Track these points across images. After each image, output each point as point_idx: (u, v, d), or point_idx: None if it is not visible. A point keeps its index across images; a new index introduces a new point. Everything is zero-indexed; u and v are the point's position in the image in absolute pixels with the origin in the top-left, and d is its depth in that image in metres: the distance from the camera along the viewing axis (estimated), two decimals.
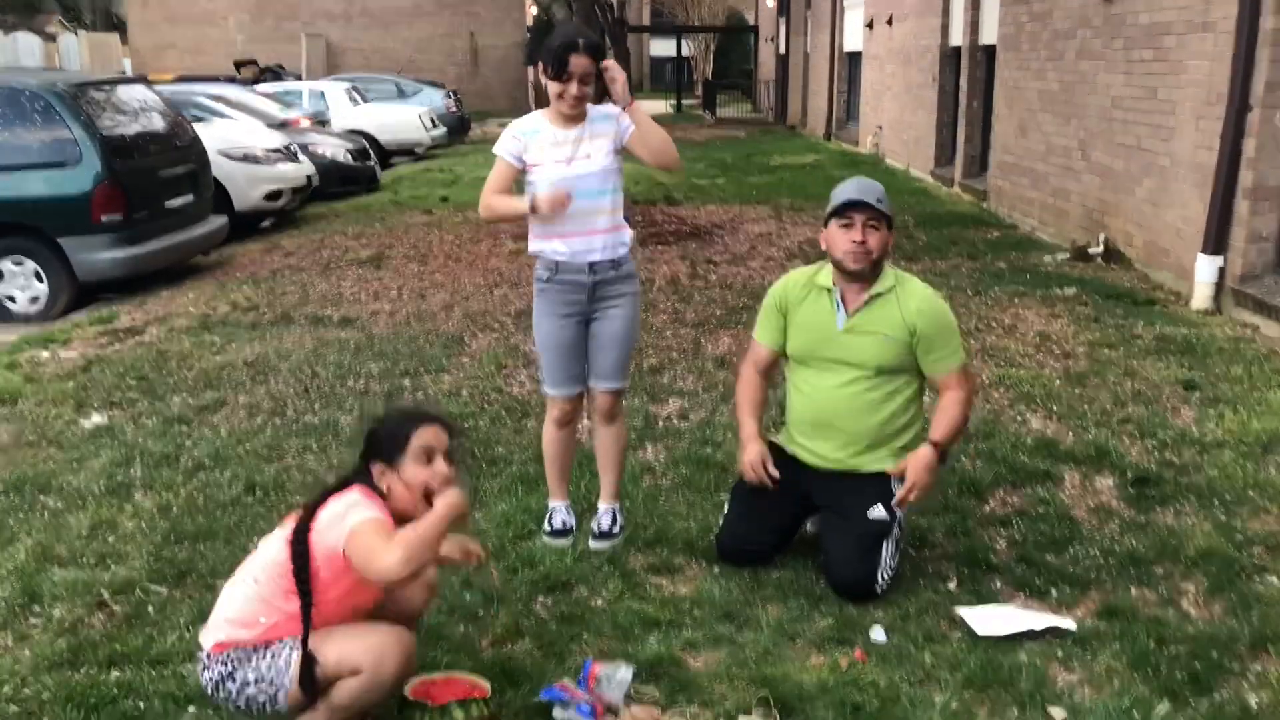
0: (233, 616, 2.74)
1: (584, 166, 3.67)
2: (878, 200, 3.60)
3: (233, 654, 2.70)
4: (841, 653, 3.22)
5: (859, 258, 3.58)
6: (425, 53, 34.55)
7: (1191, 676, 3.05)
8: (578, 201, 3.66)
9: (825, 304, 3.69)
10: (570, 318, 3.80)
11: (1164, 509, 4.19)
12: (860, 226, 3.58)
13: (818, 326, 3.69)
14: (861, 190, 3.62)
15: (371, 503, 2.70)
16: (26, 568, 3.79)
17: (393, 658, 2.66)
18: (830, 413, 3.68)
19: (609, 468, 4.00)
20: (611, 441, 3.98)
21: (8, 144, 7.98)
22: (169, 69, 28.90)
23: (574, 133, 3.68)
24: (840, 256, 3.62)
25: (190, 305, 7.96)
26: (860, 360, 3.61)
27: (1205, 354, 6.05)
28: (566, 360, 3.85)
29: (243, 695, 2.70)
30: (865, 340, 3.61)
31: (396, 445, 2.74)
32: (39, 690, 3.06)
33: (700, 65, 47.22)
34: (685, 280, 8.40)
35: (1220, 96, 6.94)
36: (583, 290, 3.76)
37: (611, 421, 3.96)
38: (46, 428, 5.28)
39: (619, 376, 3.88)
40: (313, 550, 2.66)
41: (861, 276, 3.63)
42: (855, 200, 3.59)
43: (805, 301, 3.73)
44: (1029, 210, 10.76)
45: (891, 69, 17.25)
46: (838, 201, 3.63)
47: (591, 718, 2.89)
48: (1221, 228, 6.98)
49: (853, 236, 3.58)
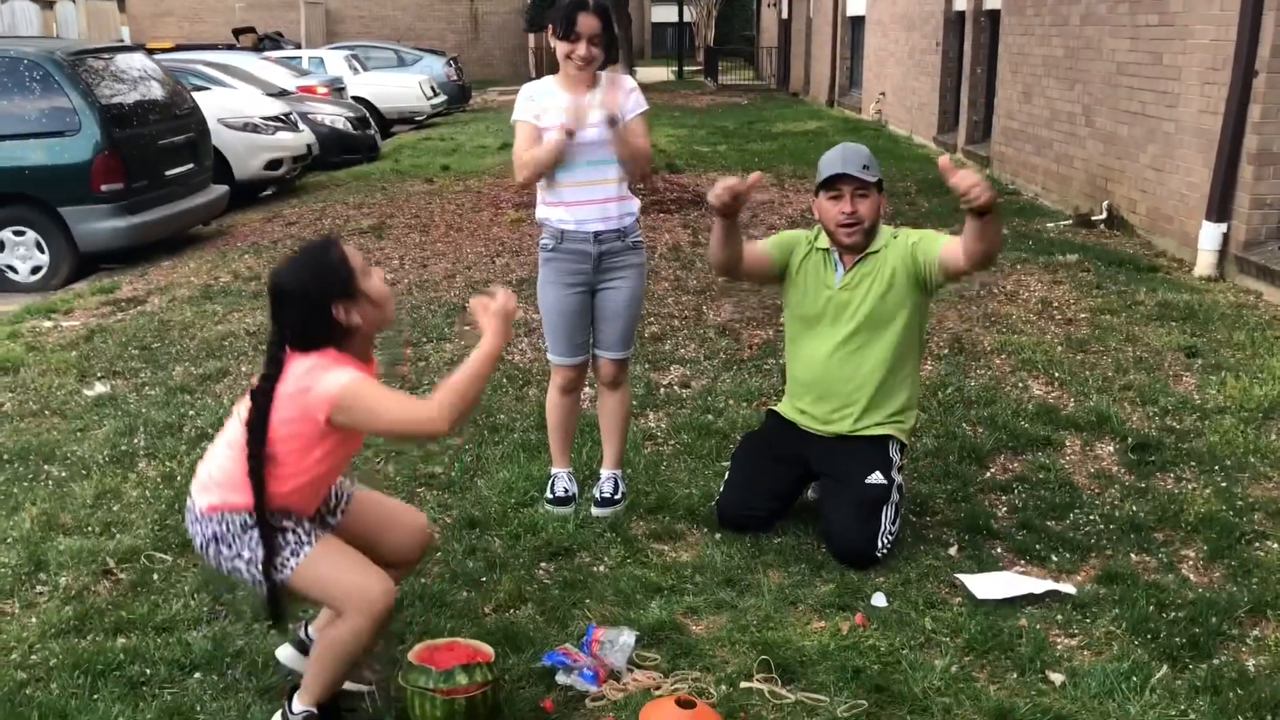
0: (220, 479, 2.65)
1: (593, 133, 3.64)
2: (864, 168, 3.57)
3: (227, 518, 2.61)
4: (842, 618, 3.24)
5: (851, 230, 3.58)
6: (425, 20, 34.35)
7: (1190, 641, 3.07)
8: (584, 169, 3.66)
9: (822, 263, 3.70)
10: (574, 287, 3.79)
11: (1164, 475, 4.20)
12: (849, 197, 3.56)
13: (816, 286, 3.70)
14: (846, 160, 3.58)
15: (343, 363, 2.61)
16: (32, 536, 3.81)
17: (381, 598, 2.58)
18: (826, 373, 3.68)
19: (612, 435, 4.01)
20: (615, 409, 3.99)
21: (7, 113, 7.95)
22: (167, 37, 28.77)
23: (584, 99, 3.65)
24: (833, 229, 3.62)
25: (192, 275, 7.96)
26: (852, 311, 3.62)
27: (1208, 320, 6.04)
28: (570, 329, 3.84)
29: (231, 565, 2.64)
30: (859, 294, 3.62)
31: (347, 276, 2.67)
32: (46, 656, 3.09)
33: (702, 31, 46.85)
34: (687, 248, 8.38)
35: (1226, 61, 6.89)
36: (587, 260, 3.75)
37: (616, 389, 3.96)
38: (49, 397, 5.29)
39: (624, 346, 3.88)
40: (273, 420, 2.54)
41: (856, 250, 3.63)
42: (840, 173, 3.56)
43: (808, 260, 3.73)
44: (1032, 176, 10.71)
45: (895, 34, 17.12)
46: (825, 174, 3.60)
47: (594, 682, 2.91)
48: (1226, 194, 6.95)
49: (842, 208, 3.56)
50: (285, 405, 2.57)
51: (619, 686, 2.91)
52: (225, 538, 2.63)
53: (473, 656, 2.77)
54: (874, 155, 3.71)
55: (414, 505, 4.03)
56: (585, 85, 3.67)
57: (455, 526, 3.86)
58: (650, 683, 2.93)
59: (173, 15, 33.45)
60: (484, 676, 2.73)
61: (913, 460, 4.30)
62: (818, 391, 3.73)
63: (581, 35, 3.56)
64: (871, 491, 3.55)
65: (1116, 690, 2.85)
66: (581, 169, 3.68)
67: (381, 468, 4.40)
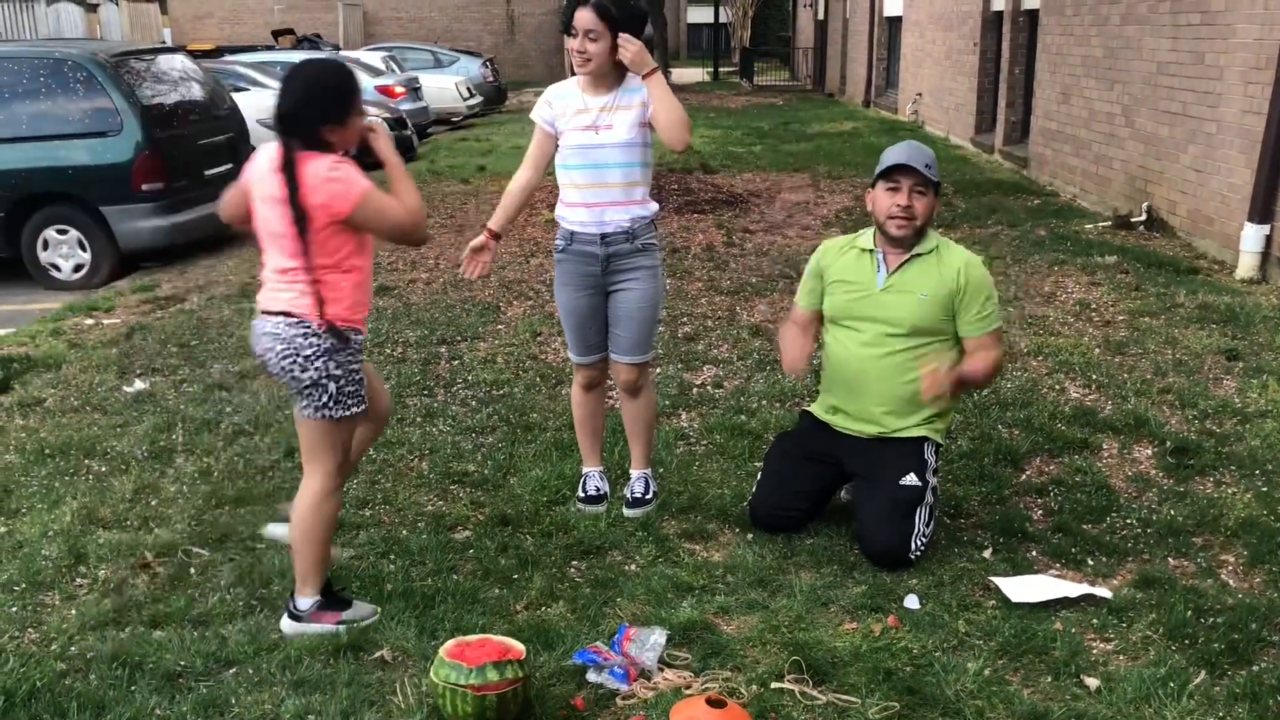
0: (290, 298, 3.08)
1: (606, 136, 3.63)
2: (926, 166, 3.57)
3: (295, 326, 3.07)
4: (875, 619, 3.22)
5: (902, 224, 3.57)
6: (461, 21, 34.53)
7: (1229, 647, 3.03)
8: (592, 171, 3.65)
9: (866, 263, 3.69)
10: (585, 289, 3.79)
11: (1204, 479, 4.14)
12: (907, 191, 3.56)
13: (857, 284, 3.68)
14: (912, 154, 3.59)
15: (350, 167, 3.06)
16: (72, 529, 3.87)
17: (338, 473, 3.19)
18: (863, 373, 3.67)
19: (637, 438, 4.01)
20: (637, 414, 3.97)
21: (51, 114, 8.07)
22: (208, 38, 29.09)
23: (602, 100, 3.65)
24: (884, 220, 3.61)
25: (230, 274, 8.04)
26: (896, 318, 3.60)
27: (1249, 323, 5.95)
28: (583, 329, 3.84)
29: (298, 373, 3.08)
30: (903, 299, 3.60)
31: (350, 105, 3.12)
32: (85, 649, 3.13)
33: (738, 32, 46.73)
34: (721, 248, 8.37)
35: (1270, 61, 6.78)
36: (596, 262, 3.74)
37: (635, 395, 3.92)
38: (90, 393, 5.37)
39: (636, 351, 3.83)
40: (311, 213, 2.99)
41: (903, 244, 3.62)
42: (904, 164, 3.56)
43: (844, 260, 3.73)
44: (1071, 178, 10.60)
45: (932, 34, 17.00)
46: (887, 164, 3.61)
47: (624, 681, 2.92)
48: (1269, 195, 6.84)
49: (898, 200, 3.57)
50: (316, 191, 2.99)
51: (650, 685, 2.91)
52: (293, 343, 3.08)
53: (504, 653, 2.78)
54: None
55: (447, 500, 4.07)
56: (605, 85, 3.64)
57: (487, 524, 3.88)
58: (681, 682, 2.92)
59: (213, 17, 33.82)
60: (515, 673, 2.75)
61: (948, 462, 4.27)
62: (854, 391, 3.71)
63: (578, 31, 3.55)
64: (906, 493, 3.53)
65: (1153, 696, 2.82)
66: (589, 171, 3.67)
67: (415, 465, 4.42)
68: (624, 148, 3.64)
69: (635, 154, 3.67)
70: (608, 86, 3.65)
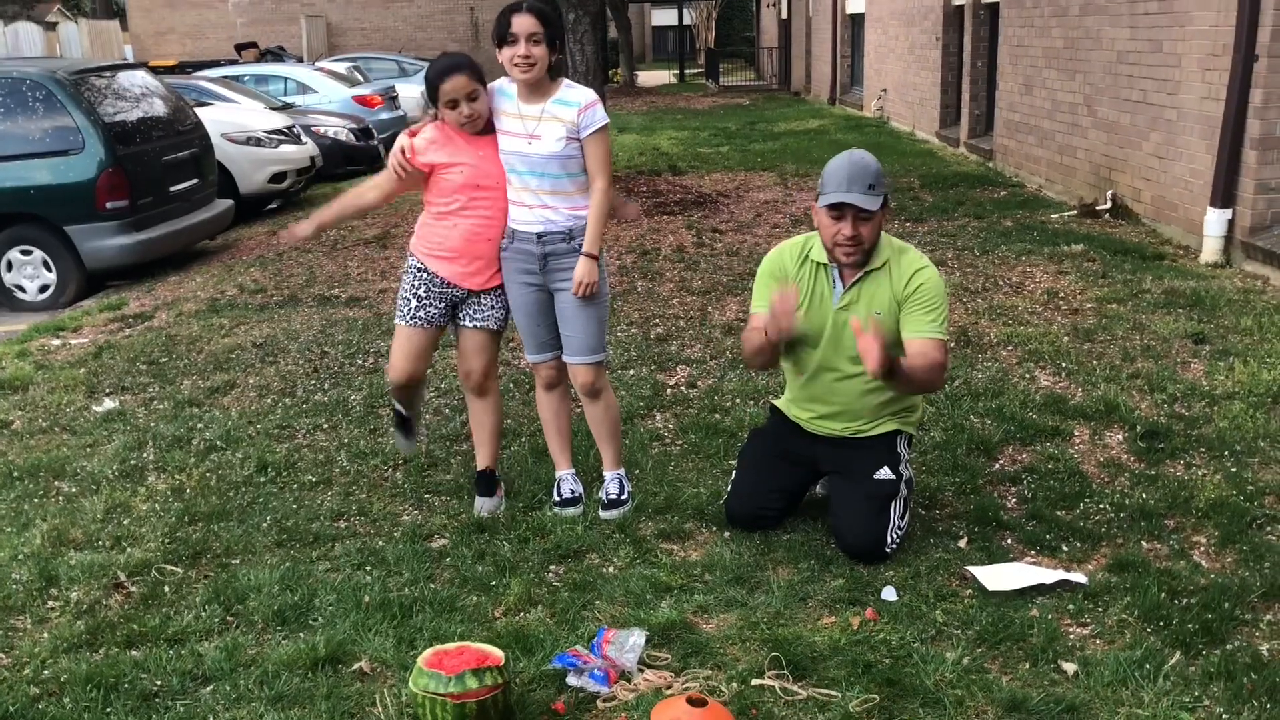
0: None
1: (536, 146, 3.64)
2: (869, 187, 3.39)
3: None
4: (853, 613, 3.23)
5: (850, 252, 3.47)
6: (426, 29, 34.39)
7: (1203, 627, 3.06)
8: (527, 176, 3.67)
9: (821, 279, 3.60)
10: (528, 286, 3.81)
11: (1174, 462, 4.18)
12: (851, 221, 3.42)
13: (814, 304, 3.59)
14: (852, 181, 3.39)
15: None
16: (43, 552, 3.82)
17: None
18: (829, 390, 3.65)
19: (603, 440, 4.01)
20: (598, 417, 3.96)
21: (11, 133, 7.99)
22: (170, 54, 28.88)
23: (535, 109, 3.65)
24: (830, 247, 3.50)
25: (198, 289, 7.98)
26: (853, 344, 3.42)
27: (1214, 307, 6.02)
28: (532, 326, 3.87)
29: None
30: (857, 311, 3.51)
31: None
32: (58, 672, 3.10)
33: (703, 33, 46.89)
34: (691, 249, 8.38)
35: (1226, 48, 6.86)
36: (533, 259, 3.76)
37: (593, 397, 3.91)
38: (59, 414, 5.31)
39: (584, 351, 3.82)
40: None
41: (855, 267, 3.54)
42: (844, 203, 3.40)
43: (801, 277, 3.61)
44: (1035, 168, 10.69)
45: (895, 30, 17.10)
46: (827, 198, 3.43)
47: (605, 683, 2.91)
48: (1230, 180, 6.92)
49: (843, 230, 3.43)
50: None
51: (630, 687, 2.91)
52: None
53: (483, 660, 2.77)
54: (877, 153, 3.63)
55: (423, 510, 4.06)
56: (540, 93, 3.64)
57: (464, 531, 3.86)
58: (661, 682, 2.92)
59: (175, 33, 33.54)
60: (494, 680, 2.74)
61: (920, 453, 4.29)
62: (822, 405, 3.70)
63: (519, 36, 3.55)
64: (880, 488, 3.54)
65: (1130, 678, 2.84)
66: (524, 175, 3.69)
67: (390, 475, 4.41)
68: (552, 159, 3.64)
69: (564, 165, 3.66)
70: (541, 95, 3.65)
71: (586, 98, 3.66)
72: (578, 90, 3.68)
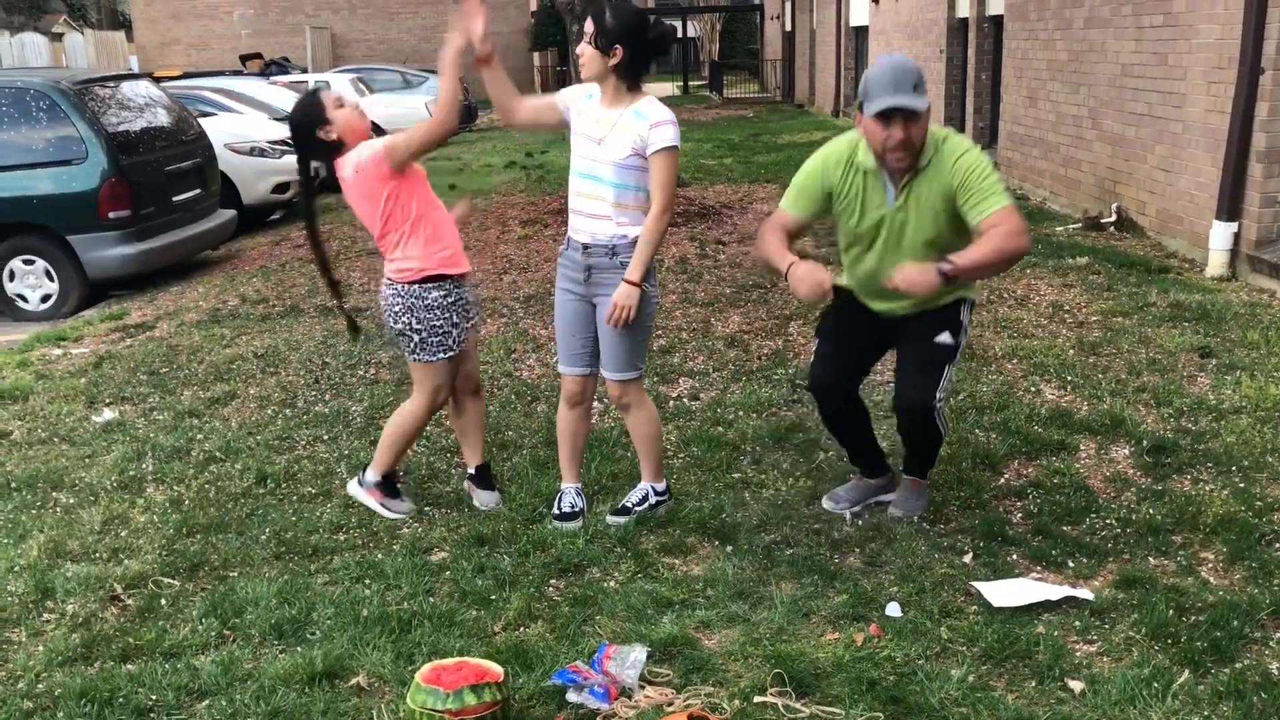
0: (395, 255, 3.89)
1: (604, 152, 3.63)
2: (914, 89, 3.36)
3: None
4: (857, 629, 3.19)
5: (901, 158, 3.44)
6: (430, 41, 34.45)
7: (1212, 645, 3.02)
8: (589, 181, 3.67)
9: (873, 184, 3.56)
10: (571, 295, 3.82)
11: (1181, 477, 4.14)
12: (901, 125, 3.37)
13: (869, 208, 3.57)
14: (899, 83, 3.34)
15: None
16: (39, 564, 3.79)
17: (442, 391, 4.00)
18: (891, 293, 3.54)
19: (639, 450, 4.02)
20: (633, 429, 3.97)
21: (14, 143, 7.98)
22: (175, 65, 28.96)
23: (612, 114, 3.64)
24: (881, 153, 3.45)
25: (200, 299, 7.97)
26: (915, 240, 3.52)
27: (1221, 320, 5.98)
28: (568, 336, 3.85)
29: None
30: (913, 213, 3.51)
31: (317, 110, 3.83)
32: (53, 686, 3.06)
33: (706, 46, 46.95)
34: (694, 260, 8.36)
35: (1231, 60, 6.84)
36: (579, 269, 3.76)
37: (626, 410, 3.94)
38: (58, 424, 5.29)
39: (615, 367, 3.81)
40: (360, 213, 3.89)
41: (906, 170, 3.50)
42: (893, 108, 3.35)
43: (850, 184, 3.58)
44: (1040, 181, 10.66)
45: (899, 43, 17.11)
46: (875, 105, 3.37)
47: (605, 700, 2.87)
48: (1235, 193, 6.90)
49: (894, 135, 3.38)
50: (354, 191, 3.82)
51: (631, 704, 2.87)
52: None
53: (481, 676, 2.74)
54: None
55: (422, 522, 4.03)
56: (617, 100, 3.64)
57: (464, 544, 3.83)
58: (662, 699, 2.88)
59: (180, 43, 33.67)
60: (493, 696, 2.70)
61: None
62: (883, 299, 3.69)
63: (581, 37, 3.68)
64: (940, 352, 3.63)
65: (1138, 697, 2.80)
66: (586, 180, 3.68)
67: None
68: (617, 167, 3.61)
69: (629, 176, 3.63)
70: (619, 102, 3.64)
71: (660, 115, 3.61)
72: (655, 107, 3.64)
